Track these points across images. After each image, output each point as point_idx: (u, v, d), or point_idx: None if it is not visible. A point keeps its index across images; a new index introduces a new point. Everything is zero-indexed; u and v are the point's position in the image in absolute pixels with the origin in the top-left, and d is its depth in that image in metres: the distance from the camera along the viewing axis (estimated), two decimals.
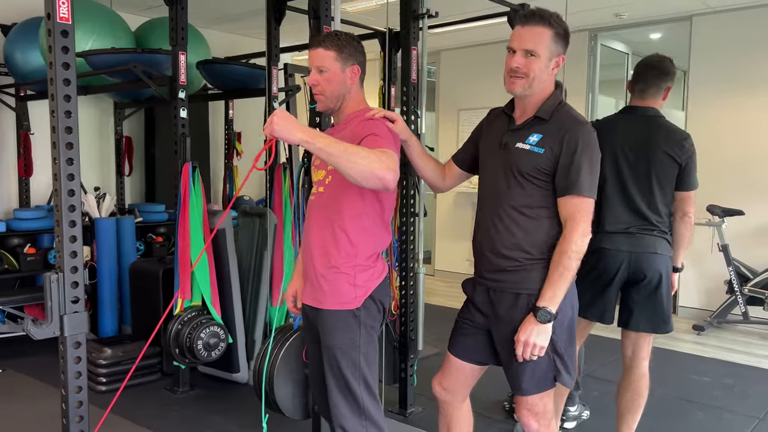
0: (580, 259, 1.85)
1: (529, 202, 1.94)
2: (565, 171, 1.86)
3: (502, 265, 1.97)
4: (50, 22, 1.90)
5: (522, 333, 1.87)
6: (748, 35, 5.15)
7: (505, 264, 1.96)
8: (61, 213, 1.95)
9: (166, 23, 4.43)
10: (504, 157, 1.98)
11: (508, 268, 1.96)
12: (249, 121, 6.04)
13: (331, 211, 2.02)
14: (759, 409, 3.45)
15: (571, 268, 1.84)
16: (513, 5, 3.90)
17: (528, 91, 1.93)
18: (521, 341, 1.86)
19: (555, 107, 1.94)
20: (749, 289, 4.89)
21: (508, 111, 2.05)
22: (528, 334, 1.85)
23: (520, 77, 1.91)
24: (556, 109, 1.94)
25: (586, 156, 1.86)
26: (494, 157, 2.02)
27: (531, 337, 1.85)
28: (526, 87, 1.92)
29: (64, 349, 1.99)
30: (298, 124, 1.76)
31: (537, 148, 1.90)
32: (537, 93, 1.95)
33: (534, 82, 1.91)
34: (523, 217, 1.94)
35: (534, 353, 1.86)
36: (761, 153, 5.10)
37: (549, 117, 1.93)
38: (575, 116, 1.94)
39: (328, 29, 2.74)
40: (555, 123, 1.92)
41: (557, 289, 1.85)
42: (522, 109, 2.00)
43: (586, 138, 1.88)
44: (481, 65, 6.57)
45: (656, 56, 2.68)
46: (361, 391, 2.04)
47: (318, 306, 2.05)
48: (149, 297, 3.84)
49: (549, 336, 1.86)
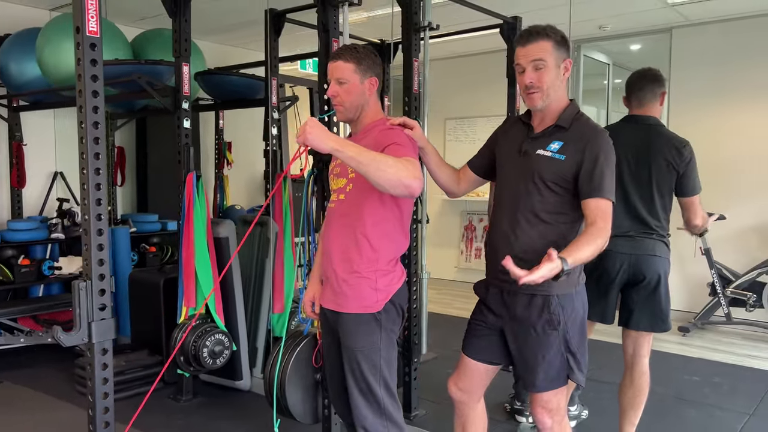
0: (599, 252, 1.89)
1: (547, 207, 2.02)
2: (588, 176, 1.95)
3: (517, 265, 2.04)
4: (79, 36, 1.95)
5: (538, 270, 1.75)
6: (726, 46, 5.36)
7: (521, 267, 2.04)
8: (90, 222, 1.99)
9: (163, 34, 4.50)
10: (524, 163, 2.06)
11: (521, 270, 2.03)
12: (239, 130, 6.08)
13: (353, 218, 2.09)
14: (748, 405, 3.59)
15: (598, 245, 1.86)
16: (506, 18, 4.02)
17: (546, 101, 2.02)
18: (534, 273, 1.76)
19: (574, 116, 2.04)
20: (731, 291, 5.06)
21: (526, 119, 2.14)
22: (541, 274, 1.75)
23: (536, 91, 2.01)
24: (575, 118, 2.04)
25: (607, 162, 1.97)
26: (513, 163, 2.10)
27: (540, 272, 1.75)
28: (545, 99, 2.01)
29: (91, 355, 2.02)
30: (330, 133, 1.84)
31: (558, 155, 1.99)
32: (554, 101, 2.04)
33: (550, 91, 2.01)
34: (540, 222, 2.03)
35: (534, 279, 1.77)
36: (741, 159, 5.31)
37: (569, 125, 2.03)
38: (594, 125, 2.04)
39: (337, 42, 2.82)
40: (575, 131, 2.01)
41: (582, 252, 1.84)
42: (540, 117, 2.09)
43: (607, 145, 1.99)
44: (467, 75, 6.71)
45: (644, 68, 2.81)
46: (381, 393, 2.11)
47: (340, 310, 2.12)
48: (150, 307, 3.85)
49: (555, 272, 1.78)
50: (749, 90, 5.28)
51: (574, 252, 1.83)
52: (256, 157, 6.63)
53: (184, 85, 3.43)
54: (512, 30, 4.05)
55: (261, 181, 6.88)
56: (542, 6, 4.80)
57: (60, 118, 5.13)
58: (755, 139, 5.25)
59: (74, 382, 3.77)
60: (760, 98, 5.24)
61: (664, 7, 4.98)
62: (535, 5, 4.76)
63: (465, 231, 6.76)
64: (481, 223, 6.66)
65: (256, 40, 6.17)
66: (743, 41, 5.29)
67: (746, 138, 5.28)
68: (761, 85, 5.23)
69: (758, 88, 5.24)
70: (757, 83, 5.24)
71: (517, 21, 4.04)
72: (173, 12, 3.41)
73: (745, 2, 4.89)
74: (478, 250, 6.68)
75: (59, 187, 5.17)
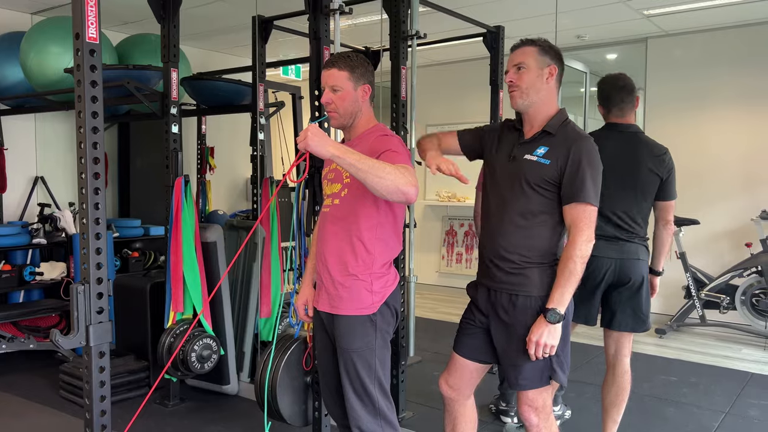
0: (585, 263, 2.02)
1: (531, 208, 2.10)
2: (570, 180, 2.04)
3: (501, 267, 2.12)
4: (79, 42, 1.97)
5: (534, 334, 2.01)
6: (700, 56, 5.54)
7: (504, 266, 2.12)
8: (88, 226, 2.01)
9: (148, 39, 4.51)
10: (512, 168, 2.14)
11: (507, 269, 2.11)
12: (222, 135, 6.08)
13: (348, 222, 2.14)
14: (724, 404, 3.71)
15: (577, 271, 2.00)
16: (489, 27, 4.11)
17: (527, 101, 2.11)
18: (533, 341, 2.01)
19: (561, 123, 2.13)
20: (705, 294, 5.21)
21: (519, 126, 2.22)
22: (540, 335, 2.00)
23: (515, 89, 2.12)
24: (563, 124, 2.13)
25: (590, 167, 2.04)
26: (503, 169, 2.18)
27: (543, 338, 2.00)
28: (524, 98, 2.11)
29: (88, 358, 2.04)
30: (330, 139, 1.89)
31: (543, 159, 2.08)
32: (538, 105, 2.12)
33: (529, 91, 2.10)
34: (524, 222, 2.10)
35: (546, 352, 2.01)
36: (713, 166, 5.47)
37: (555, 131, 2.11)
38: (579, 131, 2.13)
39: (328, 50, 2.86)
40: (560, 136, 2.10)
41: (565, 292, 2.01)
42: (530, 124, 2.17)
43: (590, 150, 2.07)
44: (449, 83, 6.81)
45: (614, 76, 2.89)
46: (376, 393, 2.16)
47: (335, 312, 2.16)
48: (136, 312, 3.84)
49: (559, 335, 2.01)
50: (721, 99, 5.46)
51: (558, 296, 2.01)
52: (238, 162, 6.66)
53: (172, 90, 3.45)
54: (495, 39, 4.14)
55: (243, 186, 6.89)
56: (525, 15, 4.92)
57: (41, 122, 5.09)
58: (726, 146, 5.42)
59: (58, 388, 3.75)
60: (731, 107, 5.42)
61: (641, 18, 5.13)
62: (518, 14, 4.88)
63: (446, 236, 6.84)
64: (462, 228, 6.75)
65: (238, 46, 6.21)
66: (715, 52, 5.47)
67: (718, 145, 5.45)
68: (732, 94, 5.41)
69: (729, 97, 5.42)
70: (728, 92, 5.42)
71: (500, 30, 4.14)
72: (162, 17, 3.42)
73: (718, 15, 5.05)
74: (459, 254, 6.76)
75: (40, 192, 5.13)
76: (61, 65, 3.97)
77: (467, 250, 6.71)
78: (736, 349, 4.91)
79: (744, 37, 5.34)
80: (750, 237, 5.18)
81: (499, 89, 4.17)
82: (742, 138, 5.37)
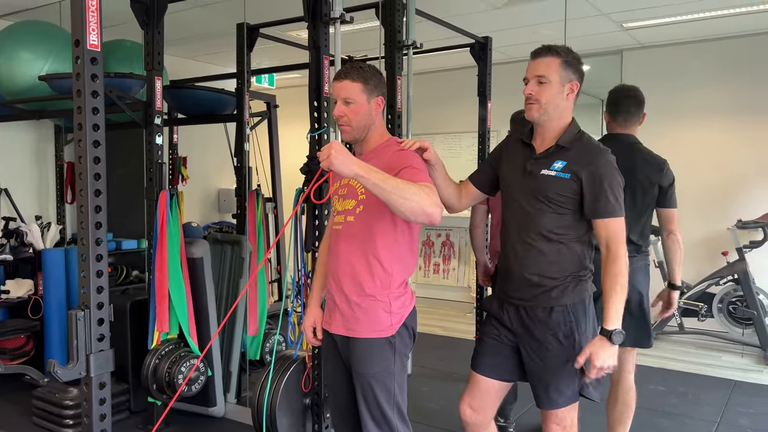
0: (625, 278, 1.99)
1: (553, 226, 2.06)
2: (596, 196, 2.00)
3: (533, 284, 2.08)
4: (79, 49, 1.83)
5: (597, 359, 1.93)
6: (675, 68, 5.63)
7: (536, 283, 2.08)
8: (88, 247, 1.86)
9: (124, 46, 4.32)
10: (529, 183, 2.09)
11: (539, 287, 2.07)
12: (194, 145, 5.89)
13: (363, 240, 2.04)
14: (714, 413, 3.74)
15: (625, 285, 1.99)
16: (477, 38, 4.08)
17: (545, 116, 2.06)
18: (596, 367, 1.93)
19: (575, 136, 2.08)
20: (684, 302, 5.28)
21: (527, 140, 2.16)
22: (603, 360, 1.93)
23: (534, 103, 2.06)
24: (576, 138, 2.08)
25: (615, 181, 2.02)
26: (519, 183, 2.13)
27: (606, 361, 1.94)
28: (542, 113, 2.06)
29: (88, 390, 1.89)
30: (354, 158, 1.79)
31: (563, 174, 2.03)
32: (554, 120, 2.08)
33: (548, 107, 2.05)
34: (549, 242, 2.07)
35: (607, 372, 1.97)
36: (689, 176, 5.53)
37: (570, 145, 2.06)
38: (597, 145, 2.09)
39: (328, 59, 2.77)
40: (577, 151, 2.05)
41: (619, 308, 1.97)
42: (542, 137, 2.12)
43: (611, 165, 2.05)
44: (436, 91, 6.71)
45: (627, 86, 2.91)
46: (395, 419, 2.06)
47: (351, 335, 2.06)
48: (116, 332, 3.61)
49: (617, 353, 1.97)
50: (695, 109, 5.56)
51: (615, 315, 1.96)
52: (210, 173, 6.47)
53: (156, 99, 3.29)
54: (483, 49, 4.11)
55: (215, 197, 6.70)
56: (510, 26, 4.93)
57: (5, 131, 4.83)
58: (701, 156, 5.52)
59: (31, 414, 3.52)
60: (705, 117, 5.53)
61: (619, 31, 5.19)
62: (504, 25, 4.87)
63: (423, 246, 6.78)
64: (439, 239, 6.70)
65: (212, 53, 6.04)
66: (689, 64, 5.58)
67: (693, 155, 5.54)
68: (706, 105, 5.52)
69: (703, 107, 5.53)
70: (702, 103, 5.53)
71: (487, 41, 4.11)
72: (145, 23, 3.27)
73: (694, 28, 5.15)
74: (436, 265, 6.71)
75: (4, 205, 4.86)
76: (32, 72, 3.76)
77: (444, 260, 6.66)
78: (716, 357, 4.98)
79: (717, 51, 5.46)
80: (726, 246, 5.28)
81: (487, 100, 4.13)
82: (717, 148, 5.48)
